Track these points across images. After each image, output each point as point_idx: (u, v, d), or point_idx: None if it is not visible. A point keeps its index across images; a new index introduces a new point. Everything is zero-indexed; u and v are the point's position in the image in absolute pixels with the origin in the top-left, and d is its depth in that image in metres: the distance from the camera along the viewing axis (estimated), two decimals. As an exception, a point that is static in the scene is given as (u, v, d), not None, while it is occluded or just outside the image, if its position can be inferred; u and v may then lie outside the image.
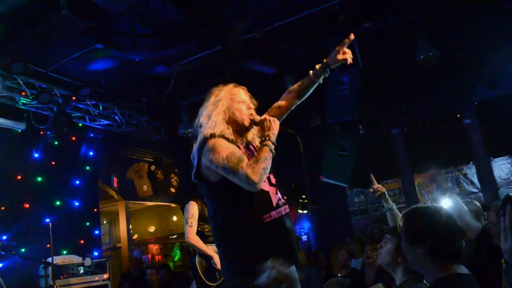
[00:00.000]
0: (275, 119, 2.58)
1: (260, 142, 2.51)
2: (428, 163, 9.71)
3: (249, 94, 2.73)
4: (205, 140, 2.44)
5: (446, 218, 1.92)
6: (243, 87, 2.73)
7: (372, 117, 6.47)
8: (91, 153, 7.91)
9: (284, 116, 2.88)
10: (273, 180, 2.59)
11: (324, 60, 2.81)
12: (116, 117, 7.77)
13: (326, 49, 6.60)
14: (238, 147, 2.50)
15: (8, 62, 5.63)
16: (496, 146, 8.64)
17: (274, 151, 2.45)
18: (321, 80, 2.85)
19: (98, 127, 7.76)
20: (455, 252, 1.89)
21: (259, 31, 6.01)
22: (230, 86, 2.72)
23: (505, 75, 7.80)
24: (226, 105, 2.58)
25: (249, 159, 2.38)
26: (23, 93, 6.28)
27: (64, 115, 6.66)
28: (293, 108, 2.90)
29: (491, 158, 8.75)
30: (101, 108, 7.44)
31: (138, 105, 8.00)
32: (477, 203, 4.19)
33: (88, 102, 7.16)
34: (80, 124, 7.49)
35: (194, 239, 4.42)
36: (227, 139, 2.47)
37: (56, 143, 6.99)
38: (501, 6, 6.16)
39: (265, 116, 2.61)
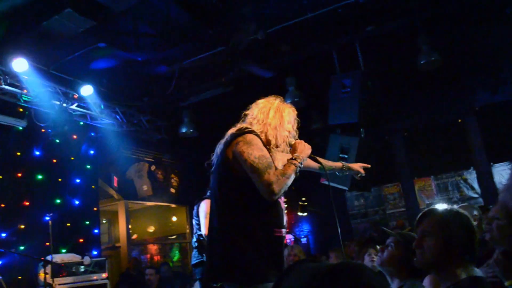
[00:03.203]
0: (309, 146, 2.61)
1: (288, 160, 2.50)
2: (428, 168, 9.72)
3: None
4: (245, 132, 2.46)
5: (471, 221, 1.98)
6: (294, 109, 2.76)
7: (373, 121, 6.47)
8: (91, 152, 7.91)
9: None
10: (284, 204, 2.61)
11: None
12: (117, 116, 7.77)
13: (328, 52, 6.67)
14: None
15: (11, 60, 5.64)
16: (497, 151, 8.64)
17: (298, 173, 2.46)
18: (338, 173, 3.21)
19: (99, 126, 7.76)
20: (475, 254, 1.95)
21: (262, 33, 6.02)
22: (289, 106, 2.74)
23: (506, 80, 7.80)
24: (276, 123, 2.60)
25: None
26: (25, 91, 6.29)
27: (65, 113, 6.66)
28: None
29: (491, 163, 8.75)
30: (102, 107, 7.44)
31: (140, 105, 8.00)
32: (477, 208, 4.19)
33: (90, 101, 7.16)
34: (81, 123, 7.49)
35: None
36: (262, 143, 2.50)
37: (57, 141, 6.99)
38: (503, 11, 6.17)
39: (301, 141, 2.64)
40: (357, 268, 0.98)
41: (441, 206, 2.08)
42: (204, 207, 4.61)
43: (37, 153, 6.92)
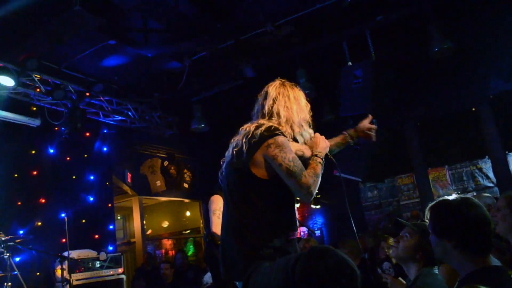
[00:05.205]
0: (324, 138, 2.59)
1: (312, 157, 2.49)
2: (442, 157, 9.62)
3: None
4: (274, 132, 2.38)
5: (475, 209, 1.88)
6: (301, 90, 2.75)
7: (385, 111, 6.41)
8: (105, 149, 7.97)
9: None
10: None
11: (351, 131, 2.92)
12: (129, 113, 7.81)
13: (338, 43, 6.61)
14: None
15: (23, 59, 5.69)
16: (512, 139, 8.52)
17: (323, 170, 2.46)
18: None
19: (112, 123, 7.82)
20: (484, 244, 1.86)
21: (270, 26, 5.98)
22: (298, 89, 2.72)
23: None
24: (299, 119, 2.57)
25: None
26: (38, 90, 6.35)
27: (78, 111, 6.71)
28: None
29: (507, 152, 8.62)
30: (114, 104, 7.48)
31: (151, 101, 8.04)
32: (491, 197, 4.14)
33: (102, 98, 7.21)
34: (94, 120, 7.54)
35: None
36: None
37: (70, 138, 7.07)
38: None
39: (322, 136, 2.61)
40: (323, 250, 1.00)
41: (451, 196, 2.02)
42: (211, 203, 4.58)
43: (51, 151, 6.99)
